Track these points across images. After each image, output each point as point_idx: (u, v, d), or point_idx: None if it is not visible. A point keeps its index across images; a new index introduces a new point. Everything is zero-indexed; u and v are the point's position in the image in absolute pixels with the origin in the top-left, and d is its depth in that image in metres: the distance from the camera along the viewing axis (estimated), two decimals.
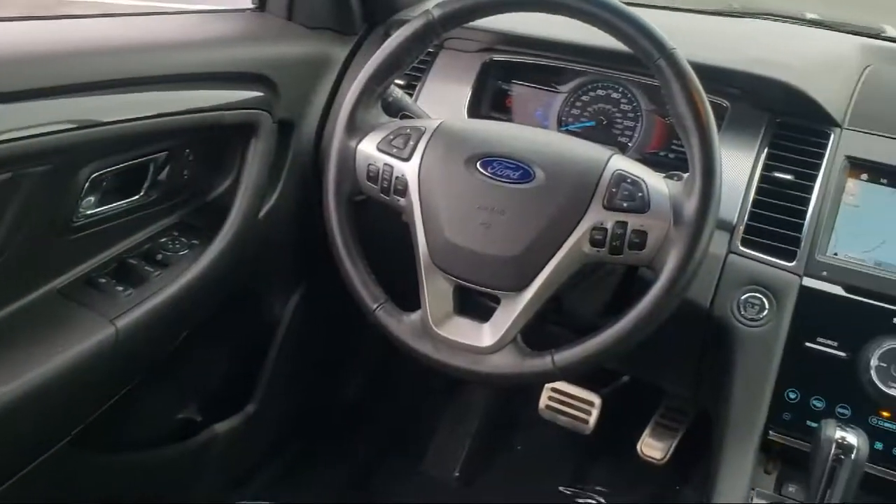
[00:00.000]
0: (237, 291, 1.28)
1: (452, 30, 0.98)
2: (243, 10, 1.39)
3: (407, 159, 0.95)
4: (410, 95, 1.27)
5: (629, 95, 1.25)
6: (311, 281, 1.47)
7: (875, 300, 1.00)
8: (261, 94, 1.19)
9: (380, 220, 1.03)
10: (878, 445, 0.96)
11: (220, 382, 1.45)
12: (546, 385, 1.55)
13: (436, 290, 0.93)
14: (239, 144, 1.19)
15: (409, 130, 0.97)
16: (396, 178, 0.95)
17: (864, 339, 0.99)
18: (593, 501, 1.66)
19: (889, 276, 1.01)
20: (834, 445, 0.84)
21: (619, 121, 1.26)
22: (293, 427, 1.66)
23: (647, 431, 1.65)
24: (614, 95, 1.26)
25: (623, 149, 1.25)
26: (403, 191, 0.95)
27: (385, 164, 0.96)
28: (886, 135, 1.09)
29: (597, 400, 1.63)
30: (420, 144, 0.95)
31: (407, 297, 0.97)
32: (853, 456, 0.83)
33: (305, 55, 1.32)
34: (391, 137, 0.97)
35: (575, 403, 1.62)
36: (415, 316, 0.95)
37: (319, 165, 1.31)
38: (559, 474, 1.72)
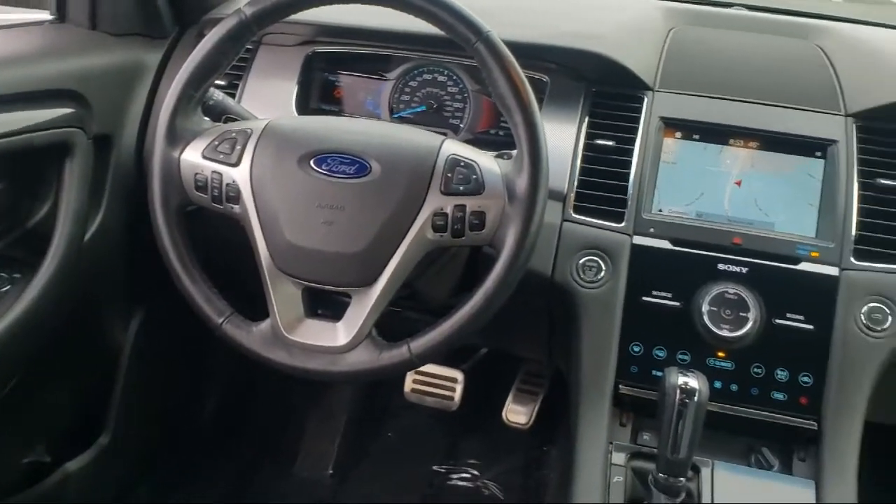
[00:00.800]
0: (72, 322, 1.20)
1: (268, 26, 0.95)
2: (41, 23, 1.28)
3: (236, 164, 0.92)
4: (233, 96, 1.23)
5: (455, 78, 1.28)
6: (151, 302, 1.40)
7: (700, 249, 1.08)
8: (71, 110, 1.12)
9: (217, 227, 0.99)
10: (718, 384, 1.04)
11: (66, 419, 1.37)
12: None
13: (283, 296, 0.92)
14: (54, 166, 1.11)
15: (234, 134, 0.94)
16: (227, 185, 0.92)
17: (694, 287, 1.06)
18: (468, 475, 1.70)
19: (709, 226, 1.09)
20: (678, 391, 0.90)
21: (448, 103, 1.28)
22: (155, 452, 1.59)
23: (509, 399, 1.70)
24: (441, 79, 1.28)
25: (455, 130, 1.27)
26: (236, 198, 0.92)
27: (213, 171, 0.93)
28: (694, 93, 1.17)
29: (459, 376, 1.67)
30: (248, 147, 0.92)
31: (258, 304, 0.95)
32: (696, 399, 0.89)
33: (115, 65, 1.24)
34: (216, 143, 0.94)
35: (439, 383, 1.65)
36: (264, 325, 0.93)
37: (143, 180, 1.24)
38: (432, 454, 1.75)
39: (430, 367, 1.63)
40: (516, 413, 1.68)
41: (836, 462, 1.00)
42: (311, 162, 0.90)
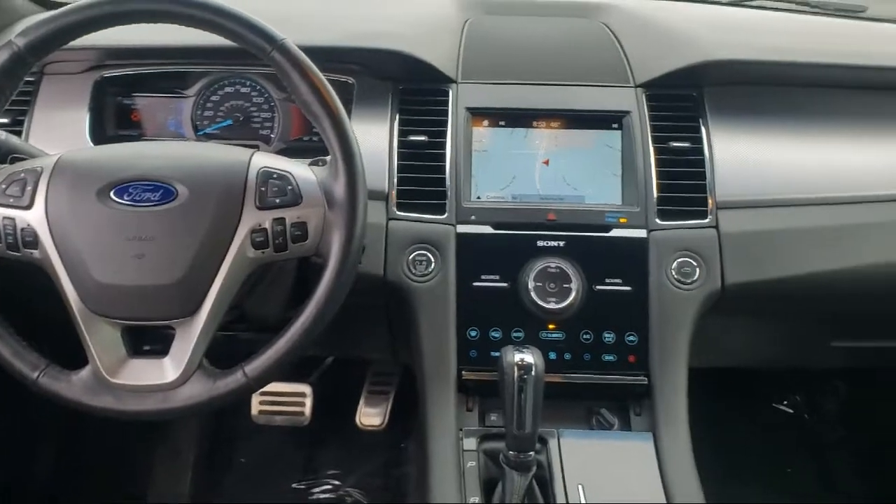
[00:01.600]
0: None
1: (46, 56, 0.89)
2: None
3: (28, 207, 0.85)
4: (19, 134, 1.14)
5: (259, 88, 1.25)
6: None
7: (519, 230, 1.12)
8: None
9: (24, 274, 0.92)
10: (552, 356, 1.09)
11: None
12: None
13: (101, 338, 0.86)
14: None
15: (23, 174, 0.87)
16: (22, 230, 0.85)
17: (519, 266, 1.10)
18: (329, 486, 1.68)
19: (525, 207, 1.13)
20: (515, 368, 0.92)
21: (255, 115, 1.25)
22: None
23: (361, 402, 1.70)
24: (244, 90, 1.25)
25: (267, 141, 1.24)
26: (34, 242, 0.85)
27: (4, 217, 0.85)
28: (495, 81, 1.21)
29: (307, 389, 1.64)
30: (40, 187, 0.86)
31: (79, 350, 0.88)
32: (533, 373, 0.92)
33: None
34: (4, 187, 0.86)
35: (287, 400, 1.62)
36: (84, 372, 0.87)
37: None
38: (290, 472, 1.71)
39: (275, 386, 1.59)
40: (370, 415, 1.68)
41: (668, 411, 1.08)
42: (112, 193, 0.85)
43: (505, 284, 1.10)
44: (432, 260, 1.10)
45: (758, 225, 1.14)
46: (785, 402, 1.86)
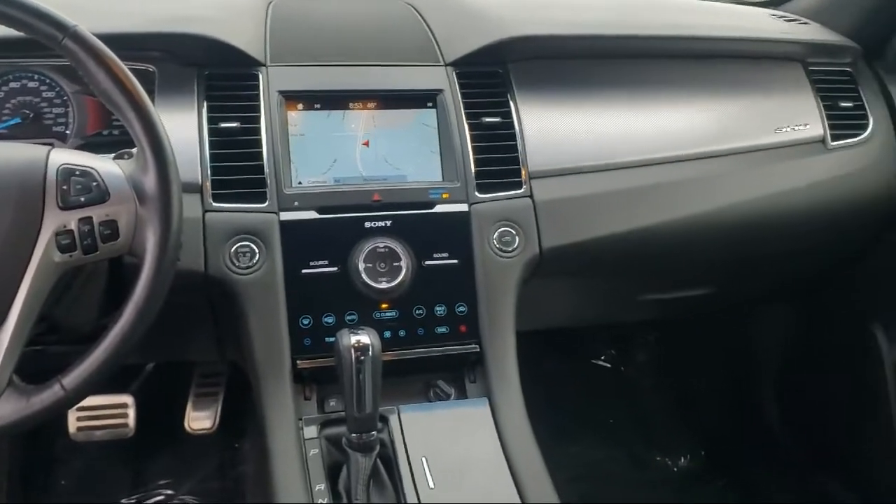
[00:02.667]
0: None
1: None
2: None
3: None
4: None
5: (49, 81, 1.14)
6: None
7: (344, 213, 1.11)
8: None
9: None
10: (387, 335, 1.09)
11: None
12: None
13: None
14: None
15: None
16: None
17: (347, 249, 1.09)
18: (161, 496, 1.60)
19: (348, 189, 1.12)
20: (352, 351, 0.92)
21: (47, 110, 1.14)
22: None
23: (189, 407, 1.62)
24: (32, 84, 1.14)
25: (62, 138, 1.14)
26: None
27: None
28: (307, 64, 1.19)
29: (129, 399, 1.54)
30: None
31: None
32: (370, 353, 0.92)
33: None
34: None
35: (107, 413, 1.52)
36: None
37: None
38: (117, 488, 1.61)
39: (92, 400, 1.48)
40: (199, 419, 1.61)
41: (500, 376, 1.11)
42: None
43: (335, 269, 1.09)
44: (256, 251, 1.07)
45: (568, 192, 1.21)
46: (603, 357, 1.99)
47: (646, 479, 1.74)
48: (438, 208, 1.14)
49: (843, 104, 1.37)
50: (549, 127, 1.23)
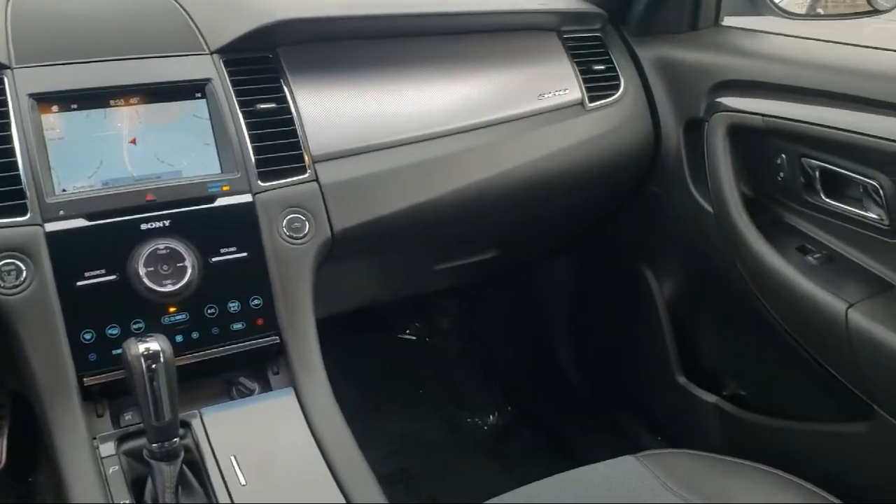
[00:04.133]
0: None
1: None
2: None
3: None
4: None
5: None
6: None
7: (117, 217, 1.05)
8: None
9: None
10: (179, 339, 1.05)
11: None
12: None
13: None
14: None
15: None
16: None
17: (125, 254, 1.04)
18: None
19: (119, 191, 1.06)
20: (142, 360, 0.88)
21: None
22: None
23: None
24: None
25: None
26: None
27: None
28: (58, 62, 1.10)
29: None
30: None
31: None
32: (161, 360, 0.89)
33: None
34: None
35: None
36: None
37: None
38: None
39: None
40: None
41: (303, 364, 1.11)
42: None
43: (113, 277, 1.03)
44: (23, 267, 0.99)
45: (354, 172, 1.22)
46: (408, 331, 2.04)
47: (459, 441, 1.81)
48: (220, 202, 1.10)
49: (597, 67, 1.48)
50: (330, 109, 1.23)
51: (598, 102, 1.45)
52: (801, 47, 1.38)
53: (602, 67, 1.48)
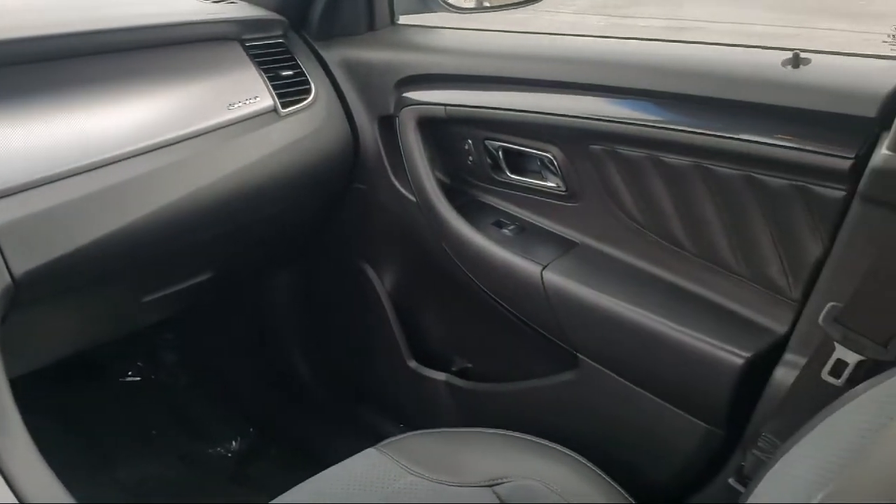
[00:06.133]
0: None
1: None
2: None
3: None
4: None
5: None
6: None
7: None
8: None
9: None
10: None
11: None
12: None
13: None
14: None
15: None
16: None
17: None
18: None
19: None
20: None
21: None
22: None
23: None
24: None
25: None
26: None
27: None
28: None
29: None
30: None
31: None
32: None
33: None
34: None
35: None
36: None
37: None
38: None
39: None
40: None
41: None
42: None
43: None
44: None
45: (31, 208, 1.09)
46: (130, 373, 1.90)
47: (203, 475, 1.72)
48: None
49: (285, 73, 1.47)
50: None
51: (291, 108, 1.44)
52: (473, 39, 1.49)
53: (290, 73, 1.48)
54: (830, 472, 0.60)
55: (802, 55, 1.06)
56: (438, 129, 1.44)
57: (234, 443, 1.80)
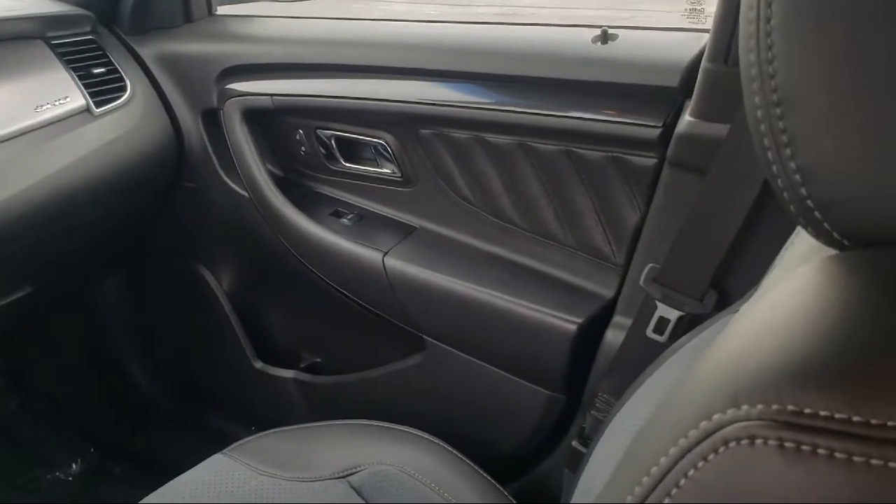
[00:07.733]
0: None
1: None
2: None
3: None
4: None
5: None
6: None
7: None
8: None
9: None
10: None
11: None
12: None
13: None
14: None
15: None
16: None
17: None
18: None
19: None
20: None
21: None
22: None
23: None
24: None
25: None
26: None
27: None
28: None
29: None
30: None
31: None
32: None
33: None
34: None
35: None
36: None
37: None
38: None
39: None
40: None
41: None
42: None
43: None
44: None
45: None
46: None
47: (42, 502, 1.61)
48: None
49: (96, 71, 1.39)
50: None
51: (106, 107, 1.36)
52: (297, 27, 1.46)
53: (102, 70, 1.40)
54: None
55: (610, 31, 1.11)
56: (267, 120, 1.41)
57: (74, 465, 1.69)
